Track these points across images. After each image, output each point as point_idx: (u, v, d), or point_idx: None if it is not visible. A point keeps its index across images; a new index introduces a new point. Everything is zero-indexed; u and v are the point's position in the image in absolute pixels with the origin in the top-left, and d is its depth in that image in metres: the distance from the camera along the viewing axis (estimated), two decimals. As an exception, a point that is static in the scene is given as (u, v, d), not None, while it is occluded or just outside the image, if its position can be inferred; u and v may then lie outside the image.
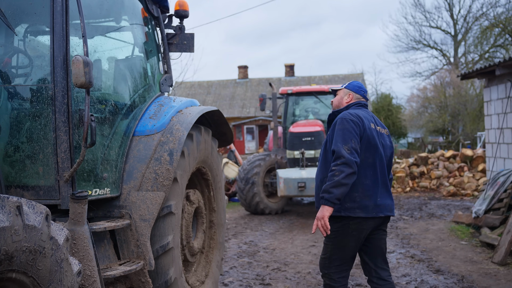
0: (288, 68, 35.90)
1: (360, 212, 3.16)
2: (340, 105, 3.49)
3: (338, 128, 3.15)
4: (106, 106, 3.27)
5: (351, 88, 3.50)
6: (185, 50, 4.35)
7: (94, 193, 3.08)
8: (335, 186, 2.99)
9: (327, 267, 3.29)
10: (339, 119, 3.21)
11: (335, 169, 3.02)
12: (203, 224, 4.42)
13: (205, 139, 4.21)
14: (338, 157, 3.04)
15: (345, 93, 3.50)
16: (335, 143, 3.11)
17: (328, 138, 3.29)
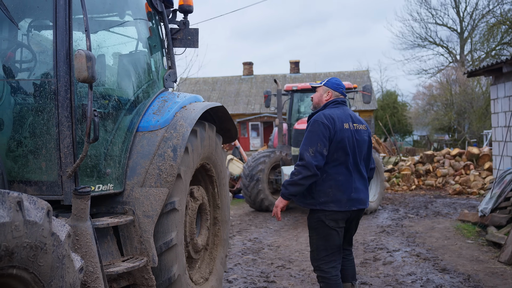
0: (293, 65, 35.81)
1: (333, 206, 3.42)
2: (320, 103, 3.66)
3: (309, 129, 3.42)
4: (109, 101, 3.24)
5: (330, 85, 3.64)
6: (189, 45, 4.31)
7: (97, 189, 3.05)
8: (292, 184, 3.37)
9: (316, 259, 3.56)
10: (312, 121, 3.44)
11: (296, 169, 3.37)
12: (207, 221, 4.38)
13: (209, 135, 4.17)
14: (301, 159, 3.36)
15: (324, 91, 3.64)
16: (302, 144, 3.39)
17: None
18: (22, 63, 3.19)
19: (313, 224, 3.54)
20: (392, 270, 5.71)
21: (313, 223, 3.54)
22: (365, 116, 31.94)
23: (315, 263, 3.57)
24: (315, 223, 3.53)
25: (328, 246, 3.49)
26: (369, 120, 32.12)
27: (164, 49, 4.16)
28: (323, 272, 3.50)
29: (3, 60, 3.13)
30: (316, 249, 3.55)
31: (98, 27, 3.53)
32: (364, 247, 7.00)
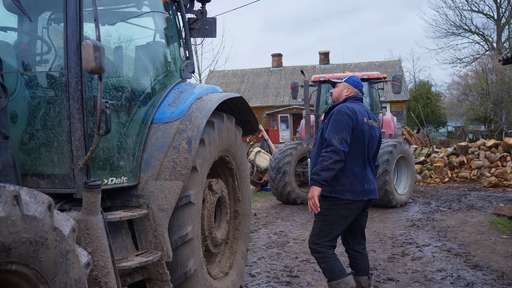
0: (322, 56, 35.34)
1: (348, 195, 3.58)
2: (340, 97, 3.84)
3: (334, 119, 3.55)
4: (123, 93, 3.18)
5: (351, 82, 3.84)
6: (207, 35, 4.21)
7: (110, 182, 3.01)
8: (324, 169, 3.44)
9: (315, 242, 3.69)
10: (336, 111, 3.60)
11: (325, 155, 3.47)
12: (227, 214, 4.30)
13: (227, 127, 4.07)
14: (329, 145, 3.47)
15: (345, 87, 3.84)
16: (328, 132, 3.52)
17: (324, 126, 3.67)
18: (35, 55, 3.16)
19: (322, 210, 3.61)
20: (421, 265, 5.50)
21: (323, 209, 3.61)
22: (396, 107, 31.25)
23: (313, 245, 3.71)
24: (325, 209, 3.63)
25: (331, 233, 3.66)
26: (401, 111, 31.41)
27: (182, 39, 4.08)
28: (321, 253, 3.66)
29: (17, 53, 3.11)
30: (318, 233, 3.68)
31: (115, 19, 3.47)
32: (392, 241, 6.79)
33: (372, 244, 6.61)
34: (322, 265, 3.71)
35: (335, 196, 3.59)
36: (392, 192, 9.45)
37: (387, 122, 11.81)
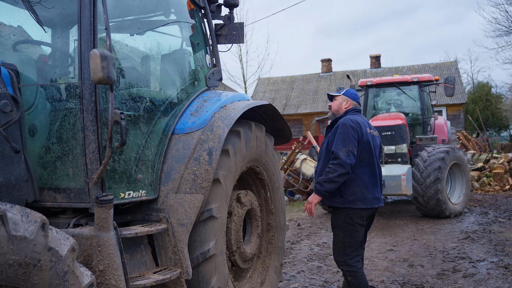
0: (373, 60, 34.48)
1: (360, 204, 3.71)
2: (340, 110, 3.98)
3: (340, 132, 3.68)
4: (141, 103, 3.09)
5: (349, 95, 3.99)
6: (235, 41, 4.07)
7: (128, 196, 2.91)
8: (327, 181, 3.62)
9: (341, 255, 3.77)
10: (341, 124, 3.73)
11: (331, 167, 3.62)
12: (257, 228, 4.11)
13: (256, 136, 3.90)
14: (335, 158, 3.61)
15: (343, 99, 3.98)
16: (335, 145, 3.65)
17: (329, 139, 3.83)
18: (56, 67, 3.14)
19: (339, 223, 3.77)
20: (474, 284, 5.05)
21: (339, 221, 3.77)
22: (453, 111, 29.88)
23: (341, 259, 3.78)
24: (341, 221, 3.76)
25: (353, 243, 3.76)
26: (458, 115, 29.99)
27: (208, 46, 3.96)
28: (350, 266, 3.76)
29: (39, 65, 3.10)
30: (342, 245, 3.77)
31: (139, 28, 3.40)
32: (443, 255, 6.33)
33: (421, 258, 6.19)
34: (349, 278, 3.79)
35: (347, 206, 3.72)
36: (445, 202, 8.89)
37: (440, 127, 11.21)
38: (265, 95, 34.84)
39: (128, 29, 3.83)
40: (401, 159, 9.50)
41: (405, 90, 11.09)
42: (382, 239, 7.53)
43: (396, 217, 9.68)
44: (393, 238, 7.59)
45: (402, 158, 9.51)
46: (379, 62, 34.46)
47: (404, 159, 9.55)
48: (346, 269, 3.78)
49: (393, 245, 7.06)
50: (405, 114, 10.96)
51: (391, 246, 7.03)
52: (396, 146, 9.49)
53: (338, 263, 3.84)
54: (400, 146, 9.50)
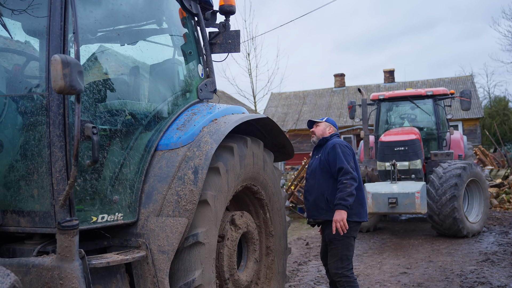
0: (387, 74, 34.05)
1: (356, 218, 4.05)
2: (324, 134, 4.31)
3: (340, 151, 4.00)
4: (120, 117, 2.80)
5: (331, 122, 4.41)
6: (230, 50, 3.78)
7: (101, 219, 2.60)
8: (349, 195, 3.85)
9: (339, 267, 4.00)
10: (338, 144, 4.07)
11: (346, 183, 3.87)
12: (255, 252, 3.77)
13: (253, 152, 3.58)
14: (347, 173, 3.90)
15: (326, 125, 4.35)
16: (342, 162, 3.94)
17: (322, 158, 4.13)
18: (28, 77, 2.87)
19: (338, 236, 3.96)
20: (495, 313, 4.61)
21: (338, 235, 3.94)
22: (469, 125, 29.22)
23: (339, 271, 3.99)
24: (340, 235, 3.94)
25: (350, 255, 4.05)
26: (475, 130, 29.30)
27: (201, 56, 3.67)
28: (347, 277, 4.00)
29: (8, 75, 2.83)
30: (340, 259, 4.01)
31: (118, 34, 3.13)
32: (461, 280, 5.87)
33: (436, 283, 5.75)
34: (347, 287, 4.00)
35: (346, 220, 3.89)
36: (462, 220, 8.41)
37: (456, 142, 10.76)
38: (277, 110, 34.58)
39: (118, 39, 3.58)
40: (415, 175, 9.06)
41: (419, 104, 10.69)
42: (395, 261, 7.09)
43: (411, 236, 9.21)
44: (406, 259, 7.14)
45: (416, 175, 9.08)
46: (393, 77, 34.03)
47: (418, 175, 9.11)
48: (344, 280, 3.99)
49: (407, 268, 6.61)
50: (420, 129, 10.55)
51: (405, 268, 6.58)
52: (409, 162, 9.06)
53: (336, 275, 4.01)
54: (414, 162, 9.08)
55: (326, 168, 4.04)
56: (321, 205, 4.03)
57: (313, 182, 4.12)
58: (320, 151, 4.22)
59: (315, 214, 4.10)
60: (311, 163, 4.29)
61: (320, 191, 4.04)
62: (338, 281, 4.01)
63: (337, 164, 3.93)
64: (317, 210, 4.07)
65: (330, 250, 4.05)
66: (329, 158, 4.03)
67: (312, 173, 4.17)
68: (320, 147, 4.24)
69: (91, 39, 3.34)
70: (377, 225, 10.12)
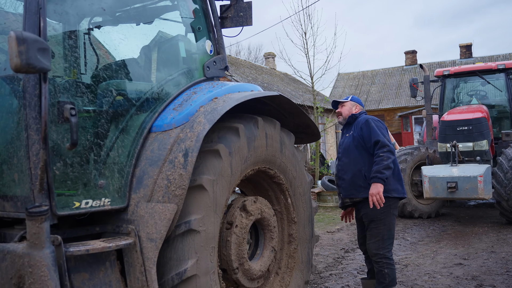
0: (464, 49, 31.76)
1: (395, 193, 3.92)
2: (351, 113, 4.17)
3: (374, 125, 3.88)
4: (106, 97, 2.66)
5: (356, 100, 4.23)
6: (242, 23, 3.51)
7: (85, 205, 2.48)
8: (386, 168, 3.72)
9: (381, 248, 3.89)
10: (370, 119, 3.95)
11: (383, 155, 3.74)
12: (272, 240, 3.53)
13: (266, 133, 3.32)
14: (383, 146, 3.77)
15: (352, 105, 4.21)
16: (377, 135, 3.82)
17: (357, 134, 3.97)
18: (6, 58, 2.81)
19: (379, 215, 3.85)
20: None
21: (379, 213, 3.84)
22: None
23: (380, 251, 3.88)
24: (381, 213, 3.84)
25: (391, 235, 3.93)
26: None
27: (211, 31, 3.44)
28: (388, 259, 3.90)
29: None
30: (382, 238, 3.88)
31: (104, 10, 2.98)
32: (524, 274, 5.25)
33: (494, 276, 5.18)
34: (386, 270, 3.87)
35: (386, 196, 3.77)
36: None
37: (532, 121, 9.71)
38: (344, 91, 33.61)
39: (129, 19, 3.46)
40: (480, 157, 8.29)
41: (489, 79, 9.75)
42: (452, 250, 6.53)
43: (475, 223, 8.49)
44: (465, 249, 6.55)
45: (482, 156, 8.30)
46: (470, 52, 31.69)
47: (484, 157, 8.32)
48: (384, 261, 3.87)
49: (464, 258, 6.05)
50: (490, 106, 9.65)
51: (461, 259, 6.02)
52: (474, 142, 8.30)
53: (376, 256, 3.89)
54: (479, 142, 8.29)
55: (361, 144, 3.93)
56: (359, 182, 3.92)
57: (348, 160, 4.02)
58: (350, 128, 4.11)
59: (353, 193, 3.99)
60: (341, 141, 4.20)
61: (357, 168, 3.94)
62: (378, 261, 3.90)
63: (372, 138, 3.84)
64: (355, 188, 3.95)
65: (370, 229, 3.94)
66: (363, 133, 3.92)
67: (346, 151, 4.06)
68: (350, 125, 4.14)
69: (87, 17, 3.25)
70: (439, 211, 9.44)
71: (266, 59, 28.48)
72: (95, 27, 3.42)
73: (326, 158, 19.15)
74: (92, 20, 3.40)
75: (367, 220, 3.95)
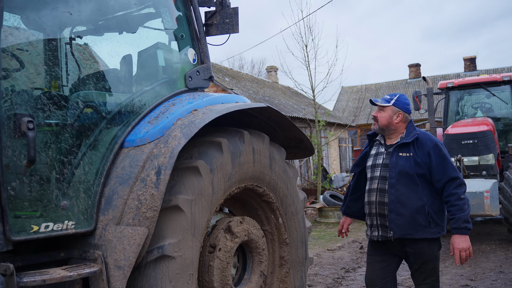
0: (468, 62, 31.57)
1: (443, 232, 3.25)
2: (390, 125, 3.26)
3: (445, 154, 3.17)
4: (72, 109, 2.43)
5: (401, 106, 3.26)
6: (227, 31, 3.29)
7: (44, 229, 2.24)
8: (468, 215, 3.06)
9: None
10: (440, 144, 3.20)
11: (465, 198, 3.07)
12: (260, 264, 3.26)
13: (253, 148, 3.07)
14: (462, 185, 3.12)
15: (394, 112, 3.26)
16: (454, 170, 3.13)
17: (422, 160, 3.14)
18: None
19: (437, 253, 3.26)
20: None
21: (436, 251, 3.25)
22: None
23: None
24: (438, 250, 3.26)
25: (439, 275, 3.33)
26: None
27: (194, 39, 3.22)
28: None
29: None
30: (437, 279, 3.28)
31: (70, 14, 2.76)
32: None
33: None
34: None
35: (441, 234, 3.23)
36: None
37: (540, 134, 9.42)
38: (348, 104, 33.44)
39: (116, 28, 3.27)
40: (486, 172, 7.98)
41: (495, 92, 9.49)
42: (458, 270, 6.20)
43: (483, 241, 8.15)
44: (472, 269, 6.23)
45: (488, 171, 7.99)
46: (474, 65, 31.50)
47: (490, 172, 8.01)
48: None
49: (470, 279, 5.73)
50: (496, 119, 9.37)
51: (468, 280, 5.70)
52: (479, 156, 8.00)
53: None
54: (485, 156, 7.99)
55: (425, 173, 3.14)
56: (420, 220, 3.11)
57: (406, 191, 3.14)
58: (406, 147, 3.20)
59: (410, 232, 3.13)
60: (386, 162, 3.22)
61: (421, 204, 3.11)
62: None
63: (447, 172, 3.09)
64: (414, 227, 3.12)
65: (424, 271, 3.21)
66: (431, 162, 3.12)
67: (402, 177, 3.15)
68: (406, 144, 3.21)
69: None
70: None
71: (268, 73, 28.37)
72: (77, 37, 3.23)
73: (329, 172, 18.84)
74: (74, 30, 3.21)
75: (420, 260, 3.20)
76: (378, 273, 3.30)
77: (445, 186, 3.08)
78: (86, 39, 3.29)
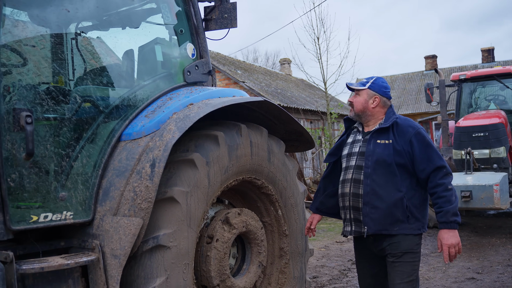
0: (485, 53, 31.05)
1: (424, 228, 2.95)
2: (366, 110, 2.95)
3: (429, 142, 2.85)
4: (71, 104, 2.51)
5: (377, 89, 2.94)
6: (226, 25, 3.33)
7: (44, 219, 2.33)
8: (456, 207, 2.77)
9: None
10: (423, 131, 2.89)
11: (452, 189, 2.77)
12: (259, 255, 3.33)
13: (251, 141, 3.13)
14: (448, 174, 2.80)
15: (369, 96, 2.94)
16: (440, 158, 2.81)
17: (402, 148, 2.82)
18: None
19: (415, 248, 2.87)
20: None
21: (414, 245, 2.87)
22: None
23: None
24: (416, 245, 2.88)
25: (418, 276, 2.97)
26: None
27: (193, 34, 3.28)
28: None
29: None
30: (416, 278, 2.91)
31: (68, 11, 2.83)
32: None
33: (508, 293, 4.85)
34: None
35: (422, 232, 2.90)
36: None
37: (554, 127, 9.28)
38: (363, 97, 33.21)
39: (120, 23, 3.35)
40: (497, 165, 7.91)
41: (508, 84, 9.37)
42: (465, 263, 6.19)
43: (493, 234, 8.09)
44: (480, 262, 6.20)
45: (499, 164, 7.92)
46: (492, 56, 30.95)
47: (502, 165, 7.94)
48: None
49: (477, 272, 5.71)
50: (509, 112, 9.25)
51: (474, 273, 5.69)
52: (490, 149, 7.93)
53: None
54: (496, 149, 7.92)
55: (405, 162, 2.81)
56: (398, 214, 2.79)
57: (383, 181, 2.80)
58: (385, 133, 2.87)
59: (386, 228, 2.81)
60: (363, 150, 2.89)
61: (399, 196, 2.79)
62: None
63: (432, 161, 2.77)
64: (391, 222, 2.81)
65: (400, 265, 2.84)
66: (414, 150, 2.80)
67: (379, 166, 2.82)
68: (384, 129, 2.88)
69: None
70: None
71: (281, 65, 28.32)
72: (82, 32, 3.31)
73: (342, 165, 18.79)
74: (79, 25, 3.30)
75: (397, 253, 2.84)
76: (371, 282, 3.05)
77: (430, 176, 2.77)
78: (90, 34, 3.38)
